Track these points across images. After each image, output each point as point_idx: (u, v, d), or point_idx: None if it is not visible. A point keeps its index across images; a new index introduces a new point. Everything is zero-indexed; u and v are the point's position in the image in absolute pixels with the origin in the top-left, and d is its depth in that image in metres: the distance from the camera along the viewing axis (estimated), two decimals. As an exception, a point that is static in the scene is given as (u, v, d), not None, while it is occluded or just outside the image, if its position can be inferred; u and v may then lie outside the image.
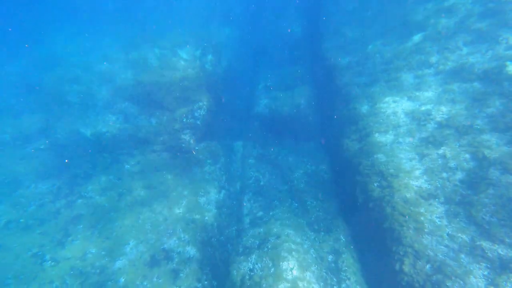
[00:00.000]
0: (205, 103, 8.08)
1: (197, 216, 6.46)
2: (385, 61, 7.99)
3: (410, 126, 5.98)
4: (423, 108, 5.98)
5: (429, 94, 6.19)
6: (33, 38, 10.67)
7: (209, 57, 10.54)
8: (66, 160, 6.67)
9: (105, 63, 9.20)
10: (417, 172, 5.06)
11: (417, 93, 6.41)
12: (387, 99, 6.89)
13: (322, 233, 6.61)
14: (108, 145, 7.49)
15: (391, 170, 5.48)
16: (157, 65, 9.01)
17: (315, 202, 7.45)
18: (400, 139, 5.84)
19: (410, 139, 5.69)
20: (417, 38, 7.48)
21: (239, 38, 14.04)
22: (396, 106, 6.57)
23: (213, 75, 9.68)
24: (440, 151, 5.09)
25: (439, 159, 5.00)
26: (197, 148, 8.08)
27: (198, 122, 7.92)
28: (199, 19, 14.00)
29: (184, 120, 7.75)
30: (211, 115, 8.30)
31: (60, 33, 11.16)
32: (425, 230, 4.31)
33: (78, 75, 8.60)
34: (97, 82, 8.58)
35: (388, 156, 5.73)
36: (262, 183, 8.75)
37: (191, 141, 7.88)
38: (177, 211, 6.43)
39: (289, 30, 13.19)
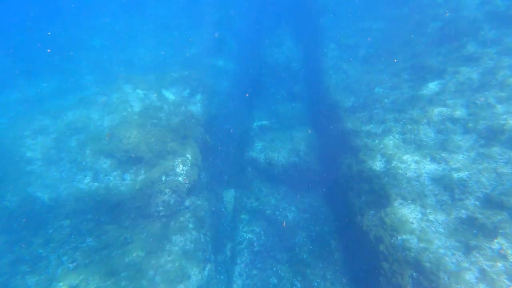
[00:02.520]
0: (189, 156, 6.92)
1: (171, 316, 4.94)
2: (398, 109, 7.02)
3: (440, 197, 4.76)
4: (455, 175, 4.81)
5: (459, 157, 5.06)
6: (5, 81, 9.81)
7: (198, 96, 9.62)
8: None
9: (80, 108, 8.19)
10: (469, 277, 3.71)
11: (443, 154, 5.28)
12: (405, 157, 5.75)
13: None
14: (70, 211, 6.15)
15: (427, 264, 4.14)
16: (139, 110, 8.00)
17: (322, 284, 5.96)
18: (431, 216, 4.58)
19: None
20: (433, 86, 6.57)
21: (233, 72, 13.37)
22: (418, 168, 5.40)
23: (202, 119, 8.65)
24: (495, 246, 3.81)
25: (497, 261, 3.69)
26: (178, 209, 6.75)
27: (180, 179, 6.68)
28: (190, 51, 13.45)
29: (164, 178, 6.51)
30: (196, 168, 7.09)
31: (37, 72, 10.36)
32: None
33: (46, 125, 7.52)
34: (68, 132, 7.47)
35: (420, 239, 4.41)
36: (257, 248, 7.29)
37: (172, 202, 6.57)
38: (145, 309, 4.91)
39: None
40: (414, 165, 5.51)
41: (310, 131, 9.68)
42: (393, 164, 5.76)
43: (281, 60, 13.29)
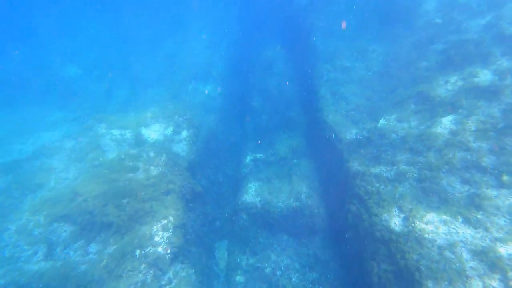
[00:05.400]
0: (171, 219, 5.72)
1: None
2: (409, 148, 6.14)
3: (489, 281, 3.76)
4: (502, 249, 3.85)
5: (501, 221, 4.13)
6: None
7: (184, 133, 8.54)
8: None
9: (40, 156, 6.91)
10: None
11: (479, 216, 4.35)
12: (429, 216, 4.78)
13: None
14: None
15: None
16: (112, 158, 6.80)
17: None
18: (482, 313, 3.55)
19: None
20: (447, 122, 5.77)
21: (222, 98, 12.45)
22: (450, 233, 4.43)
23: (188, 159, 7.54)
24: None
25: None
26: (158, 286, 5.45)
27: (160, 250, 5.45)
28: (174, 77, 12.47)
29: (138, 252, 5.26)
30: (180, 231, 5.88)
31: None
32: None
33: (-8, 183, 6.19)
34: (20, 190, 6.16)
35: None
36: (257, 323, 6.05)
37: (148, 281, 5.29)
38: None
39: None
40: (443, 227, 4.53)
41: (309, 166, 8.69)
42: (416, 225, 4.77)
43: (273, 83, 12.50)
